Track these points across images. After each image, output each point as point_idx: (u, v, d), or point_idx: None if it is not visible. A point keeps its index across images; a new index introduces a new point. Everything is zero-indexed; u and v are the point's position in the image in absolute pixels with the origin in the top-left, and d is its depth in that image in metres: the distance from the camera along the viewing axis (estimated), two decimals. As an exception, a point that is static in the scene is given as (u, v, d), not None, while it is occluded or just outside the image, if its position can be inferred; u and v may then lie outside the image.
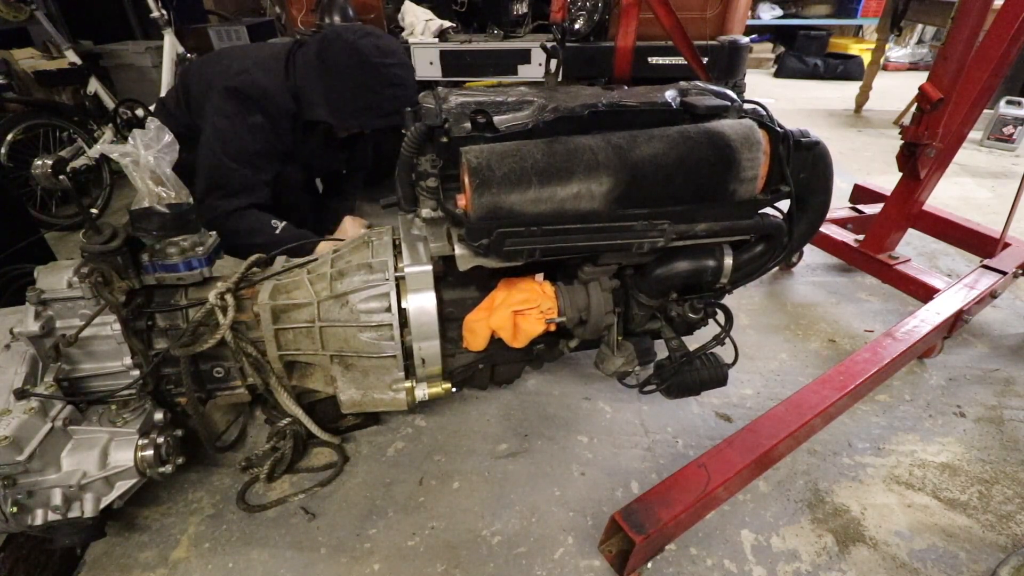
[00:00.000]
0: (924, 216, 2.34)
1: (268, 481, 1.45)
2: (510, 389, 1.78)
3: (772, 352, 1.98)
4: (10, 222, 1.88)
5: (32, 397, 1.12)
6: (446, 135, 1.13)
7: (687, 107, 1.20)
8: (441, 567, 1.27)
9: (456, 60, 2.95)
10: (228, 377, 1.39)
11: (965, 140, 1.97)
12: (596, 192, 1.10)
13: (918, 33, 6.87)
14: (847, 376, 1.52)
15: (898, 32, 3.85)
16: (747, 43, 3.07)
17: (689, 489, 1.23)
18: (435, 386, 1.40)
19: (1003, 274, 2.01)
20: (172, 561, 1.28)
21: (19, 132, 2.75)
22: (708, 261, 1.30)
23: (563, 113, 1.14)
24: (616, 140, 1.11)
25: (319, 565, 1.27)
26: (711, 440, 1.59)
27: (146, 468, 1.21)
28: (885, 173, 3.57)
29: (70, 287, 1.21)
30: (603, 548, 1.28)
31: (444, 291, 1.38)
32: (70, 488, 1.13)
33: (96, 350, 1.26)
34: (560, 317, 1.31)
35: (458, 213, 1.11)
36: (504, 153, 1.06)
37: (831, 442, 1.60)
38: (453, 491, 1.45)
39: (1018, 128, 4.00)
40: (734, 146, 1.13)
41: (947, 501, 1.44)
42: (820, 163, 1.27)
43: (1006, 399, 1.77)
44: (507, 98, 1.21)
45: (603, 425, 1.65)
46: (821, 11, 6.91)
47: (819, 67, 6.46)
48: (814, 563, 1.29)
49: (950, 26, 1.74)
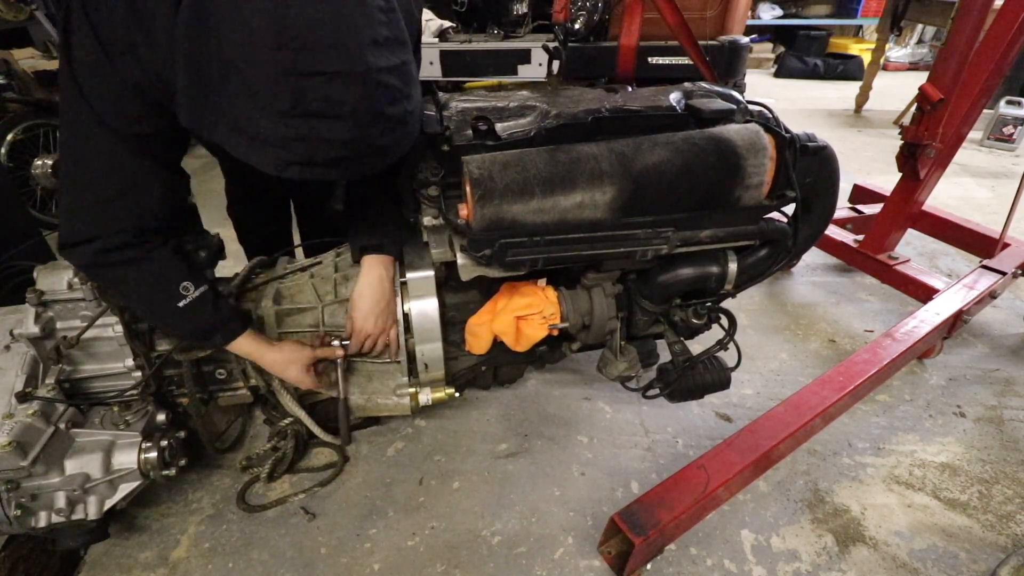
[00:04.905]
0: (924, 216, 2.34)
1: (268, 481, 1.45)
2: (510, 389, 1.78)
3: (772, 352, 1.98)
4: (10, 222, 1.88)
5: (35, 400, 1.12)
6: (447, 143, 1.12)
7: (692, 111, 1.19)
8: (441, 567, 1.27)
9: (456, 60, 2.95)
10: (230, 379, 1.39)
11: (965, 140, 1.97)
12: (600, 201, 1.10)
13: (918, 33, 6.87)
14: (847, 376, 1.52)
15: (898, 32, 3.85)
16: (747, 43, 3.08)
17: (689, 490, 1.23)
18: (438, 391, 1.40)
19: (1003, 274, 2.01)
20: (172, 561, 1.28)
21: (19, 132, 2.75)
22: (712, 267, 1.30)
23: (566, 120, 1.13)
24: (620, 148, 1.11)
25: (319, 565, 1.27)
26: (711, 440, 1.59)
27: (149, 470, 1.21)
28: (885, 173, 3.57)
29: (71, 288, 1.21)
30: (602, 549, 1.29)
31: (446, 295, 1.38)
32: (73, 491, 1.13)
33: (98, 352, 1.27)
34: (563, 323, 1.31)
35: (460, 223, 1.10)
36: (506, 163, 1.06)
37: (831, 442, 1.60)
38: (453, 491, 1.45)
39: (1018, 128, 4.00)
40: (740, 152, 1.12)
41: (947, 501, 1.44)
42: (826, 167, 1.27)
43: (1006, 399, 1.78)
44: (509, 104, 1.20)
45: (603, 425, 1.65)
46: (821, 11, 6.90)
47: (819, 67, 6.45)
48: (814, 563, 1.29)
49: (950, 26, 1.74)
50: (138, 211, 1.02)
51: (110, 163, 0.97)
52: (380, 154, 0.87)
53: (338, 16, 0.75)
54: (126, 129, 0.95)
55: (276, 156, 0.82)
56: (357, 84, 0.78)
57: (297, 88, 0.76)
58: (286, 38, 0.73)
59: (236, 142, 0.83)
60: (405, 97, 0.85)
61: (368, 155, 0.85)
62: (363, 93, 0.79)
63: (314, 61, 0.75)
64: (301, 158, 0.82)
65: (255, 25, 0.73)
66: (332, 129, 0.79)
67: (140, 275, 1.06)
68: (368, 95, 0.79)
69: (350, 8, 0.76)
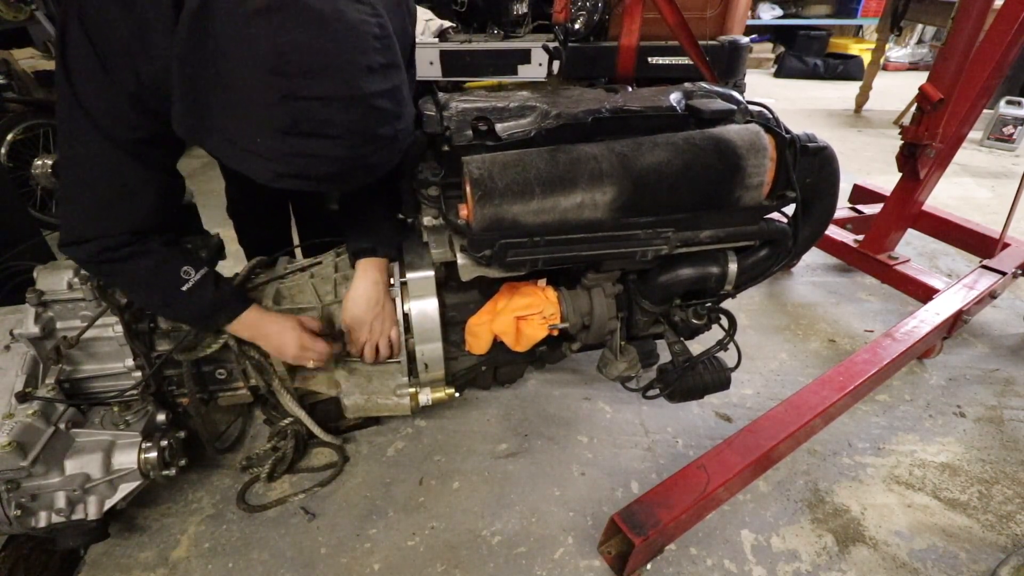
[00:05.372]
0: (924, 216, 2.34)
1: (268, 481, 1.45)
2: (510, 389, 1.78)
3: (772, 352, 1.98)
4: (10, 222, 1.88)
5: (35, 400, 1.12)
6: (447, 143, 1.12)
7: (692, 111, 1.19)
8: (441, 567, 1.27)
9: (456, 60, 2.95)
10: (230, 379, 1.40)
11: (965, 140, 1.97)
12: (600, 201, 1.10)
13: (918, 33, 6.87)
14: (847, 376, 1.52)
15: (898, 32, 3.84)
16: (747, 43, 3.08)
17: (689, 490, 1.23)
18: (439, 391, 1.40)
19: (1002, 274, 2.01)
20: (172, 561, 1.28)
21: (19, 132, 2.74)
22: (712, 267, 1.30)
23: (566, 120, 1.13)
24: (620, 148, 1.11)
25: (319, 565, 1.27)
26: (711, 440, 1.59)
27: (150, 470, 1.21)
28: (885, 173, 3.57)
29: (70, 288, 1.21)
30: (602, 549, 1.29)
31: (446, 295, 1.38)
32: (73, 491, 1.13)
33: (98, 352, 1.27)
34: (563, 323, 1.31)
35: (460, 224, 1.11)
36: (506, 163, 1.06)
37: (831, 442, 1.60)
38: (453, 491, 1.45)
39: (1018, 128, 4.00)
40: (740, 153, 1.12)
41: (947, 501, 1.44)
42: (827, 168, 1.27)
43: (1006, 399, 1.78)
44: (509, 104, 1.20)
45: (603, 425, 1.66)
46: (821, 11, 6.90)
47: (819, 67, 6.45)
48: (814, 563, 1.29)
49: (950, 26, 1.74)
50: (135, 214, 1.04)
51: (106, 168, 0.99)
52: (370, 170, 0.91)
53: (335, 44, 0.78)
54: (122, 135, 0.96)
55: (269, 168, 0.85)
56: (352, 108, 0.82)
57: (294, 110, 0.79)
58: (285, 63, 0.76)
59: (229, 153, 0.86)
60: (396, 117, 0.88)
61: (359, 171, 0.89)
62: (358, 116, 0.83)
63: (312, 86, 0.78)
64: (294, 172, 0.85)
65: (256, 49, 0.76)
66: (326, 148, 0.82)
67: (141, 267, 1.07)
68: (362, 118, 0.83)
69: (346, 37, 0.79)
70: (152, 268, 1.08)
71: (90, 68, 0.91)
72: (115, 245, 1.03)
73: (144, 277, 1.09)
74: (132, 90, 0.92)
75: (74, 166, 1.00)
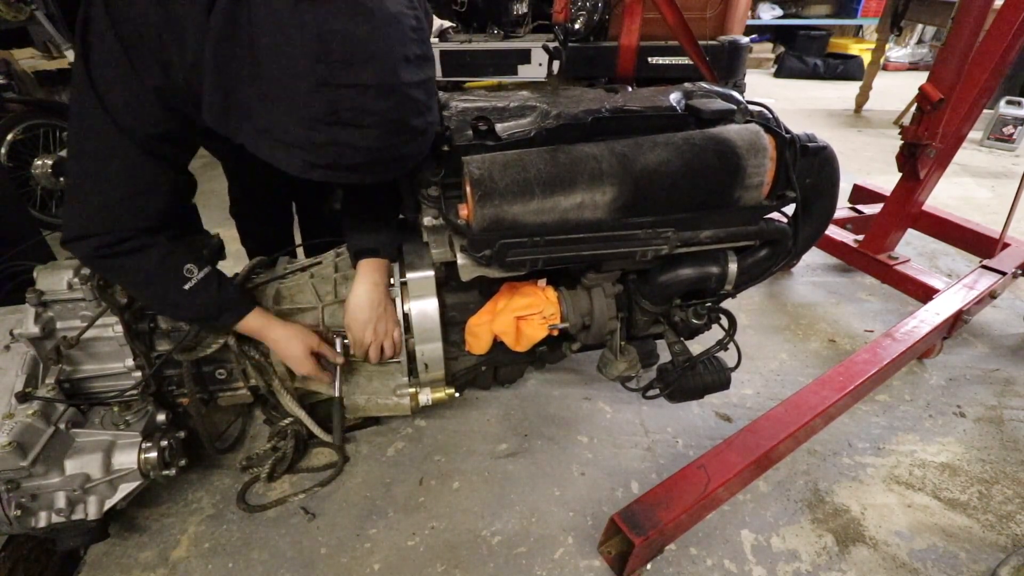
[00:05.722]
0: (924, 216, 2.34)
1: (268, 481, 1.45)
2: (510, 389, 1.78)
3: (772, 352, 1.98)
4: (10, 222, 1.88)
5: (35, 400, 1.12)
6: (447, 143, 1.12)
7: (692, 111, 1.19)
8: (441, 567, 1.27)
9: (456, 60, 2.95)
10: (230, 379, 1.40)
11: (965, 140, 1.97)
12: (600, 202, 1.10)
13: (918, 33, 6.87)
14: (847, 376, 1.52)
15: (898, 32, 3.85)
16: (747, 43, 3.08)
17: (689, 490, 1.23)
18: (439, 391, 1.40)
19: (1002, 274, 2.01)
20: (172, 561, 1.28)
21: (19, 132, 2.75)
22: (712, 267, 1.30)
23: (566, 120, 1.13)
24: (620, 148, 1.11)
25: (319, 565, 1.27)
26: (711, 440, 1.59)
27: (150, 471, 1.21)
28: (885, 173, 3.57)
29: (70, 288, 1.21)
30: (602, 549, 1.29)
31: (447, 295, 1.38)
32: (73, 491, 1.13)
33: (98, 351, 1.27)
34: (563, 323, 1.31)
35: (460, 224, 1.11)
36: (507, 163, 1.06)
37: (831, 442, 1.60)
38: (453, 491, 1.45)
39: (1018, 128, 4.00)
40: (740, 153, 1.12)
41: (947, 501, 1.44)
42: (827, 168, 1.27)
43: (1006, 399, 1.78)
44: (509, 104, 1.20)
45: (603, 425, 1.65)
46: (821, 11, 6.90)
47: (819, 67, 6.45)
48: (814, 563, 1.29)
49: (950, 26, 1.74)
50: (146, 211, 1.03)
51: (120, 164, 0.98)
52: (400, 161, 0.92)
53: (376, 33, 0.80)
54: (140, 131, 0.96)
55: (302, 159, 0.85)
56: (388, 96, 0.83)
57: (332, 98, 0.79)
58: (328, 51, 0.77)
59: (261, 143, 0.87)
60: (428, 109, 0.90)
61: (390, 162, 0.90)
62: (393, 105, 0.84)
63: (351, 74, 0.79)
64: (326, 162, 0.85)
65: (296, 37, 0.77)
66: (360, 137, 0.83)
67: (144, 263, 1.06)
68: (397, 106, 0.84)
69: (386, 26, 0.81)
70: (155, 264, 1.07)
71: (114, 59, 0.89)
72: (119, 239, 1.02)
73: (147, 273, 1.08)
74: (158, 83, 0.91)
75: (86, 160, 0.98)
